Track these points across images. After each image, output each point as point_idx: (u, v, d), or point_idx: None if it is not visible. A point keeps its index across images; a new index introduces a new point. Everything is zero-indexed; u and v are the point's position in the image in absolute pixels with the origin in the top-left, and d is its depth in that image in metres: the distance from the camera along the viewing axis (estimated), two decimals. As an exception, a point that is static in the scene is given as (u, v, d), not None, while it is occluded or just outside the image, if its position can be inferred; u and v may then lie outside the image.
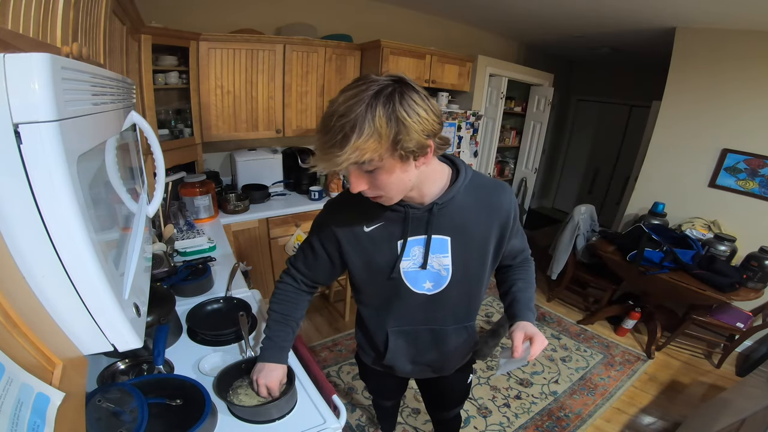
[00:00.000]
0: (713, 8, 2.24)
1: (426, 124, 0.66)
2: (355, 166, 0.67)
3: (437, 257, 0.86)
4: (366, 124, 0.61)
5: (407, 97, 0.64)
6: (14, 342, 0.40)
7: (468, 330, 1.02)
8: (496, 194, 0.87)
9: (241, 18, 2.45)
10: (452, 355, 1.05)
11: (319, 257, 0.95)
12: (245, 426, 0.88)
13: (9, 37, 0.44)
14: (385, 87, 0.64)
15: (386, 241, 0.86)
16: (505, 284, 1.02)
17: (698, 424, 1.76)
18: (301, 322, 1.04)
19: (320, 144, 0.66)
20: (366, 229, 0.86)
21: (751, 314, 2.45)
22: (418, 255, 0.86)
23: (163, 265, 1.35)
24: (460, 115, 2.93)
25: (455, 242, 0.85)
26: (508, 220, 0.88)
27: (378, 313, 0.98)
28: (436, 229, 0.84)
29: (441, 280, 0.89)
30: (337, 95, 0.66)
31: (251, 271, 2.37)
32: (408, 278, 0.88)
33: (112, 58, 1.13)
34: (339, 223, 0.88)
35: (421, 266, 0.87)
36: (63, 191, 0.42)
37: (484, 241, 0.88)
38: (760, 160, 2.50)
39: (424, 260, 0.86)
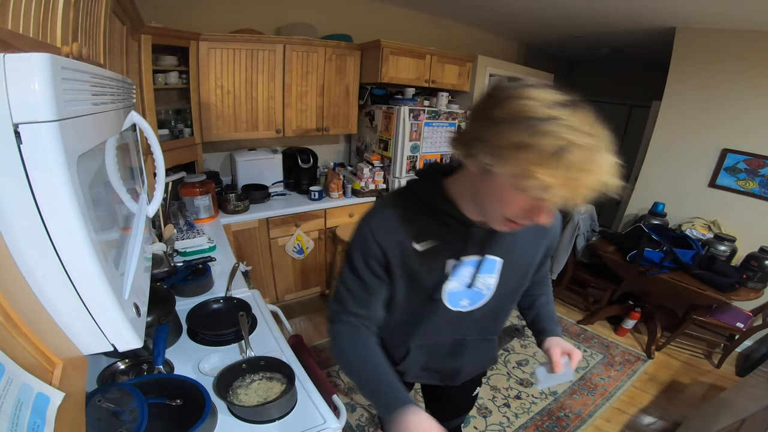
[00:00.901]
0: (713, 8, 2.24)
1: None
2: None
3: (483, 277, 0.80)
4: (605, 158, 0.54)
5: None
6: (14, 342, 0.40)
7: (490, 342, 0.99)
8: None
9: (241, 18, 2.45)
10: (467, 365, 1.01)
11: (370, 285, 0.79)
12: (245, 426, 0.88)
13: (9, 37, 0.44)
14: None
15: (437, 261, 0.77)
16: (527, 298, 0.99)
17: (698, 424, 1.76)
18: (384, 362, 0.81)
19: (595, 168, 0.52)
20: (418, 247, 0.75)
21: (751, 314, 2.45)
22: (466, 275, 0.79)
23: (163, 265, 1.35)
24: (460, 115, 2.93)
25: (506, 264, 0.80)
26: (553, 242, 0.87)
27: (403, 328, 0.90)
28: (491, 250, 0.78)
29: (479, 298, 0.84)
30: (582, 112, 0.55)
31: (251, 271, 2.37)
32: (449, 297, 0.81)
33: (112, 58, 1.13)
34: (390, 239, 0.75)
35: (468, 286, 0.80)
36: (63, 191, 0.42)
37: (531, 261, 0.85)
38: (760, 160, 2.50)
39: (472, 281, 0.80)
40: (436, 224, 0.74)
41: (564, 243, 2.92)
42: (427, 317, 0.85)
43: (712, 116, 2.66)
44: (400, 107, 2.62)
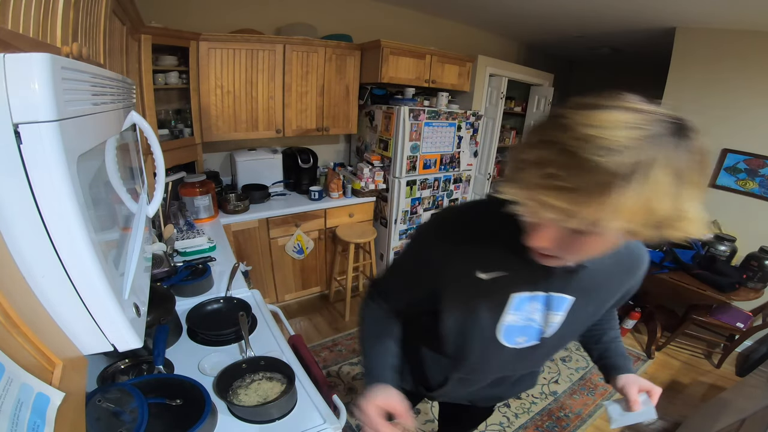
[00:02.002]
0: (713, 8, 2.24)
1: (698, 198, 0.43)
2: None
3: (550, 314, 0.70)
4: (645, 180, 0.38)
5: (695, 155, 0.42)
6: (14, 342, 0.40)
7: (533, 375, 0.95)
8: (638, 259, 0.71)
9: (241, 18, 2.45)
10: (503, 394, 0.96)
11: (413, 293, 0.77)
12: (245, 426, 0.88)
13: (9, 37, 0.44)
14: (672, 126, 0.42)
15: (501, 293, 0.67)
16: (594, 333, 0.90)
17: (698, 424, 1.76)
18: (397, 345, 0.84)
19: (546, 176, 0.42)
20: (484, 276, 0.65)
21: (751, 314, 2.45)
22: (529, 311, 0.69)
23: (163, 265, 1.35)
24: (460, 115, 2.93)
25: (577, 303, 0.69)
26: (635, 285, 0.75)
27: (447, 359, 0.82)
28: (566, 287, 0.67)
29: (538, 335, 0.73)
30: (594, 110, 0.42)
31: (251, 271, 2.37)
32: (505, 332, 0.71)
33: (112, 58, 1.13)
34: (447, 257, 0.67)
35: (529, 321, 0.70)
36: (63, 191, 0.42)
37: (604, 303, 0.74)
38: (760, 160, 2.50)
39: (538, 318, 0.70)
40: (509, 252, 0.62)
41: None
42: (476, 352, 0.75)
43: (712, 116, 2.66)
44: (400, 107, 2.62)
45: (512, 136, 4.40)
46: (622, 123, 0.40)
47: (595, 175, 0.39)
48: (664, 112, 0.42)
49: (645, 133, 0.39)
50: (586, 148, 0.39)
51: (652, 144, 0.39)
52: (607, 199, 0.39)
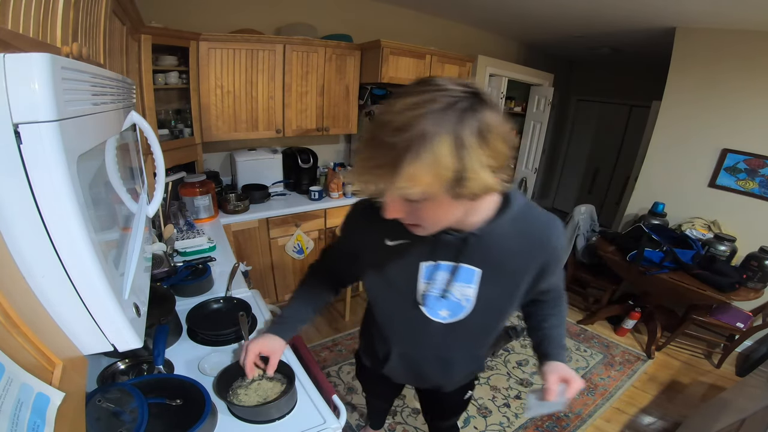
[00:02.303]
0: (713, 8, 2.24)
1: (500, 159, 0.52)
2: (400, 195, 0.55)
3: (460, 286, 0.77)
4: (426, 150, 0.47)
5: (485, 121, 0.49)
6: (14, 342, 0.40)
7: (476, 358, 0.98)
8: (545, 232, 0.76)
9: (241, 18, 2.45)
10: (455, 377, 1.01)
11: (340, 258, 0.94)
12: (245, 426, 0.88)
13: (9, 37, 0.44)
14: (459, 100, 0.49)
15: (408, 260, 0.77)
16: (535, 319, 0.94)
17: (698, 424, 1.76)
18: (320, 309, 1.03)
19: (363, 159, 0.53)
20: (389, 242, 0.77)
21: (751, 314, 2.45)
22: (440, 282, 0.77)
23: (163, 265, 1.35)
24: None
25: (486, 275, 0.75)
26: (551, 261, 0.78)
27: (386, 329, 0.93)
28: (467, 259, 0.74)
29: (459, 309, 0.80)
30: (394, 98, 0.52)
31: (251, 271, 2.37)
32: (425, 302, 0.80)
33: (112, 58, 1.13)
34: (361, 229, 0.83)
35: (442, 295, 0.78)
36: (63, 191, 0.42)
37: (519, 278, 0.78)
38: (760, 160, 2.50)
39: (447, 288, 0.77)
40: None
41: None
42: (406, 323, 0.86)
43: (712, 116, 2.66)
44: (400, 107, 2.61)
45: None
46: (408, 106, 0.49)
47: (390, 152, 0.48)
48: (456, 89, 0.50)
49: (427, 111, 0.48)
50: (383, 132, 0.49)
51: (433, 120, 0.47)
52: (402, 170, 0.48)
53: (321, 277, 1.02)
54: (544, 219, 0.77)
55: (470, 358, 0.97)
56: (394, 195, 0.54)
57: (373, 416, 1.73)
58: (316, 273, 1.03)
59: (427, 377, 1.01)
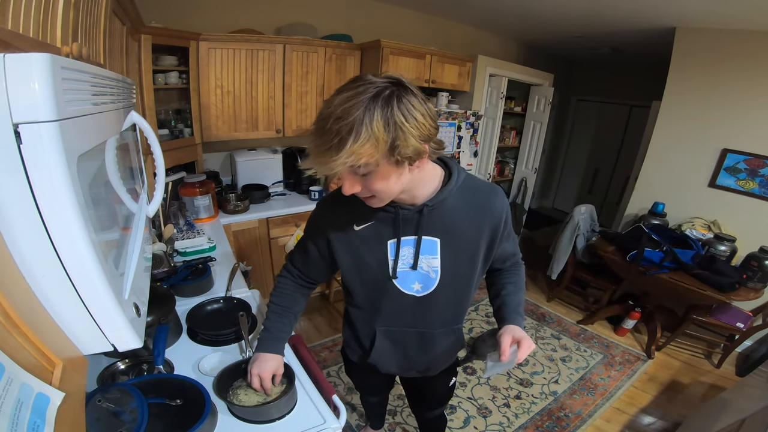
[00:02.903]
0: (713, 8, 2.24)
1: (423, 129, 0.65)
2: (350, 169, 0.66)
3: (426, 258, 0.86)
4: (363, 129, 0.60)
5: (405, 101, 0.63)
6: (14, 342, 0.40)
7: (455, 333, 1.02)
8: (488, 197, 0.86)
9: (241, 18, 2.45)
10: (438, 357, 1.05)
11: (312, 255, 0.96)
12: (245, 426, 0.88)
13: (9, 37, 0.44)
14: (383, 89, 0.62)
15: (376, 241, 0.86)
16: (495, 287, 1.02)
17: (698, 424, 1.76)
18: (299, 316, 1.06)
19: (315, 146, 0.65)
20: (356, 227, 0.86)
21: (751, 314, 2.45)
22: (408, 256, 0.86)
23: (163, 265, 1.35)
24: (460, 115, 2.93)
25: (444, 244, 0.85)
26: (499, 224, 0.88)
27: (366, 312, 0.99)
28: (426, 230, 0.84)
29: (430, 282, 0.89)
30: (333, 95, 0.65)
31: (251, 271, 2.37)
32: (397, 277, 0.89)
33: (112, 58, 1.13)
34: (329, 221, 0.89)
35: (412, 267, 0.87)
36: (63, 191, 0.42)
37: (474, 243, 0.87)
38: (760, 160, 2.50)
39: (415, 261, 0.86)
40: (372, 208, 0.81)
41: (564, 243, 2.92)
42: (384, 301, 0.93)
43: (712, 116, 2.66)
44: (400, 107, 2.61)
45: (512, 136, 4.40)
46: (344, 100, 0.62)
47: (336, 136, 0.61)
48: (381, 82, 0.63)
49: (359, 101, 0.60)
50: (327, 122, 0.62)
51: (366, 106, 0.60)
52: (346, 148, 0.60)
53: (292, 284, 1.04)
54: (485, 187, 0.89)
55: (449, 332, 1.01)
56: (345, 170, 0.66)
57: (371, 415, 1.73)
58: (286, 282, 1.05)
59: (412, 359, 1.04)
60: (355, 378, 1.43)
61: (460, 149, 3.09)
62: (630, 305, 2.74)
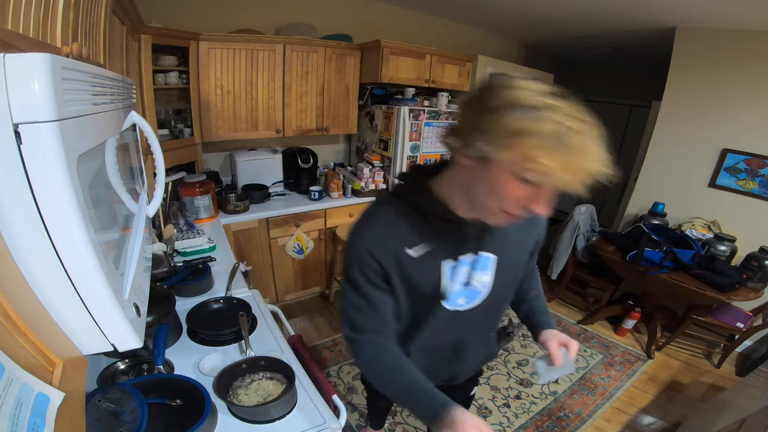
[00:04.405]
0: (713, 8, 2.24)
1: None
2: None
3: (478, 274, 0.79)
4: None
5: None
6: (14, 342, 0.40)
7: (488, 339, 1.00)
8: None
9: (241, 18, 2.45)
10: (468, 365, 1.02)
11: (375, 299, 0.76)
12: (245, 426, 0.88)
13: (9, 37, 0.44)
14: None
15: (433, 263, 0.75)
16: (518, 294, 0.98)
17: (698, 424, 1.76)
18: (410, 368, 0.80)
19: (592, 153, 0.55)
20: (412, 253, 0.73)
21: (751, 314, 2.45)
22: (463, 274, 0.78)
23: (163, 265, 1.35)
24: (460, 115, 2.94)
25: (500, 260, 0.79)
26: (541, 236, 0.86)
27: (405, 331, 0.87)
28: (485, 247, 0.77)
29: (475, 295, 0.82)
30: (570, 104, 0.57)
31: (251, 271, 2.37)
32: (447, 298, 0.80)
33: (112, 58, 1.13)
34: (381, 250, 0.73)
35: (465, 284, 0.79)
36: (63, 191, 0.42)
37: (522, 256, 0.85)
38: (760, 160, 2.50)
39: (468, 279, 0.78)
40: (427, 227, 0.72)
41: (564, 243, 2.92)
42: (426, 320, 0.83)
43: (712, 116, 2.66)
44: (400, 107, 2.62)
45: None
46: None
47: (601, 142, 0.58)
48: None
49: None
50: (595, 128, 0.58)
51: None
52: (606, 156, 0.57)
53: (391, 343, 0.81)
54: None
55: (482, 339, 0.98)
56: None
57: (374, 416, 1.73)
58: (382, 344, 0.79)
59: (442, 367, 0.97)
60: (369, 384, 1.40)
61: (460, 149, 3.11)
62: (630, 305, 2.74)
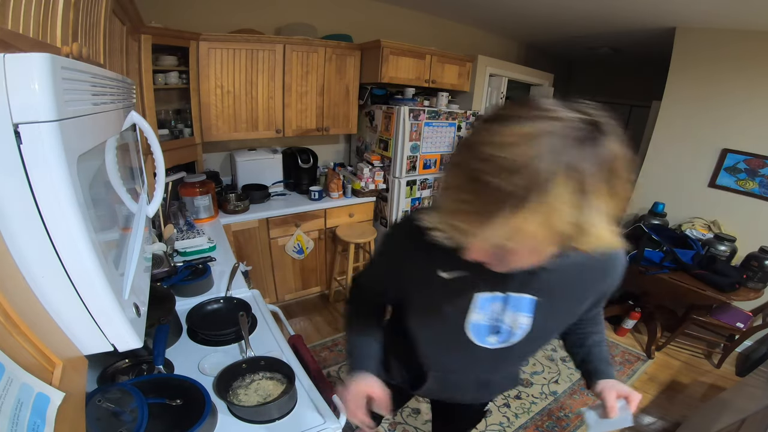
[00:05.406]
0: (713, 8, 2.24)
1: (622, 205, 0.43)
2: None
3: (514, 315, 0.71)
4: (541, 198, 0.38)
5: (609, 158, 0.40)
6: (14, 342, 0.40)
7: (514, 376, 0.96)
8: (611, 263, 0.69)
9: (241, 18, 2.45)
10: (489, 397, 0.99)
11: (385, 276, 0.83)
12: (245, 426, 0.88)
13: (9, 37, 0.44)
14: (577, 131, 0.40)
15: (463, 291, 0.70)
16: (576, 336, 0.89)
17: (698, 424, 1.76)
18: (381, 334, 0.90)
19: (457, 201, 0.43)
20: (444, 275, 0.68)
21: (751, 314, 2.45)
22: (494, 311, 0.71)
23: (163, 265, 1.35)
24: (460, 115, 2.93)
25: (542, 304, 0.69)
26: (609, 289, 0.74)
27: (424, 355, 0.86)
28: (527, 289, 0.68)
29: (510, 336, 0.74)
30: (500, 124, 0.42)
31: (251, 271, 2.37)
32: (472, 330, 0.74)
33: (112, 58, 1.13)
34: (410, 255, 0.71)
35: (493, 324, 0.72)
36: (63, 191, 0.42)
37: (577, 306, 0.74)
38: (760, 160, 2.50)
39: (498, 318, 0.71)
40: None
41: (564, 243, 2.91)
42: (450, 350, 0.80)
43: (712, 116, 2.66)
44: (400, 107, 2.62)
45: (512, 136, 4.40)
46: (520, 138, 0.39)
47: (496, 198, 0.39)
48: (574, 116, 0.41)
49: (544, 146, 0.38)
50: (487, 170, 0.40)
51: (552, 157, 0.38)
52: (508, 222, 0.39)
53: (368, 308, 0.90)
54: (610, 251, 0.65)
55: (508, 376, 0.95)
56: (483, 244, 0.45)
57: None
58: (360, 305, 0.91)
59: (461, 397, 0.96)
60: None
61: (460, 149, 3.10)
62: (630, 305, 2.73)
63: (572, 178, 0.38)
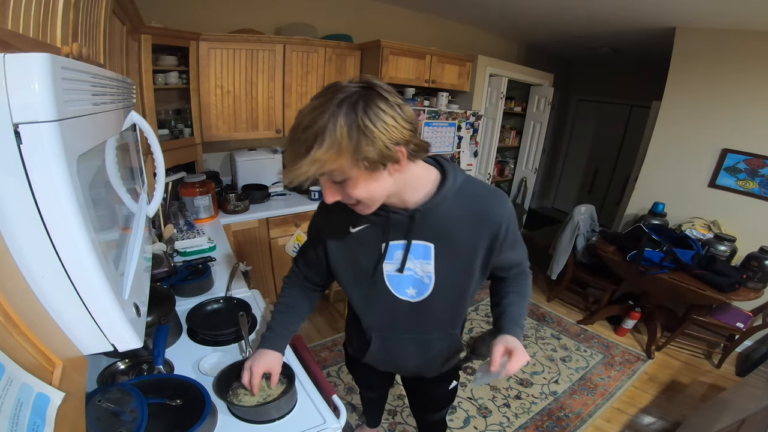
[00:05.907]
0: (713, 8, 2.24)
1: (393, 132, 0.63)
2: (325, 177, 0.67)
3: (420, 263, 0.85)
4: (327, 136, 0.60)
5: (372, 105, 0.61)
6: (14, 342, 0.40)
7: (452, 337, 1.01)
8: (488, 204, 0.82)
9: (241, 18, 2.45)
10: (434, 361, 1.05)
11: (311, 257, 0.98)
12: (245, 426, 0.88)
13: (9, 37, 0.44)
14: (351, 95, 0.61)
15: (371, 243, 0.85)
16: (497, 296, 0.98)
17: (698, 424, 1.76)
18: (305, 317, 1.07)
19: (287, 156, 0.66)
20: (352, 229, 0.86)
21: (751, 314, 2.45)
22: (399, 259, 0.85)
23: (163, 265, 1.35)
24: (460, 115, 2.93)
25: (439, 250, 0.83)
26: (499, 232, 0.83)
27: (362, 315, 0.98)
28: (417, 235, 0.82)
29: (424, 287, 0.87)
30: (306, 105, 0.64)
31: (251, 271, 2.36)
32: (391, 282, 0.88)
33: (112, 58, 1.13)
34: (327, 223, 0.91)
35: (398, 270, 0.86)
36: (63, 191, 0.42)
37: (471, 251, 0.84)
38: (760, 160, 2.50)
39: (401, 264, 0.85)
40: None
41: (564, 243, 2.92)
42: (378, 304, 0.93)
43: (712, 116, 2.66)
44: (400, 107, 2.61)
45: (512, 136, 4.40)
46: (312, 108, 0.62)
47: (303, 145, 0.61)
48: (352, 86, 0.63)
49: (326, 109, 0.60)
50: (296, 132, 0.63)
51: (331, 113, 0.60)
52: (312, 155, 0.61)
53: (298, 287, 1.05)
54: (486, 192, 0.84)
55: (446, 337, 1.00)
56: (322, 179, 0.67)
57: (368, 412, 1.74)
58: (292, 283, 1.06)
59: (408, 362, 1.04)
60: (354, 373, 1.46)
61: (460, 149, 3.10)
62: (630, 305, 2.74)
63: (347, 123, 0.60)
